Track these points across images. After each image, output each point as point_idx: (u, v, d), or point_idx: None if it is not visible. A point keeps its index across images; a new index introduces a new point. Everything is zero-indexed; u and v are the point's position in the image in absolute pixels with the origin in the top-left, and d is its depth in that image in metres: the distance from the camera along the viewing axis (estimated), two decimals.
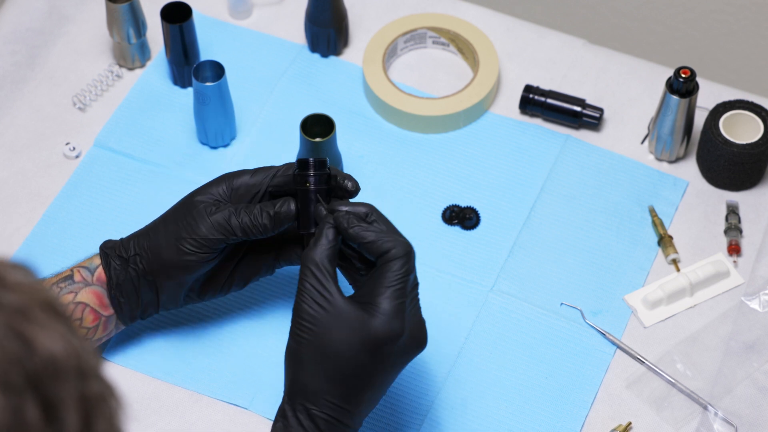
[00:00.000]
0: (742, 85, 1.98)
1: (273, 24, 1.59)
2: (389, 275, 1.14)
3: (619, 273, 1.40)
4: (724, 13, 1.98)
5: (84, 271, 1.27)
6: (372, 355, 1.14)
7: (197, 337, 1.35)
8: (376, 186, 1.46)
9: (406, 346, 1.16)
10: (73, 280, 1.26)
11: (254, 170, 1.26)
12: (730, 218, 1.43)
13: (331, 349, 1.14)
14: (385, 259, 1.15)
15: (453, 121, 1.50)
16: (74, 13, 1.59)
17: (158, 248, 1.25)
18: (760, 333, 1.35)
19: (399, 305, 1.14)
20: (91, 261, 1.28)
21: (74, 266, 1.28)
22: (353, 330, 1.13)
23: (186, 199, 1.26)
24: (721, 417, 1.30)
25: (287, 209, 1.22)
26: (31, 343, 0.73)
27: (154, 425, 1.30)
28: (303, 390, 1.15)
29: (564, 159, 1.48)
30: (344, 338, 1.13)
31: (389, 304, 1.14)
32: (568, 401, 1.31)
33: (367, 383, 1.15)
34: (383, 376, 1.16)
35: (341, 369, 1.14)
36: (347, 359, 1.13)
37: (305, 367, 1.15)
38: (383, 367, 1.15)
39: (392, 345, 1.14)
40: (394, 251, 1.15)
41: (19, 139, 1.49)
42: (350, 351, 1.13)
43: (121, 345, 1.34)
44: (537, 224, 1.43)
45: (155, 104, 1.52)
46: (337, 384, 1.14)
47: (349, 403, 1.15)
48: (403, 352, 1.16)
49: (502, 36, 1.58)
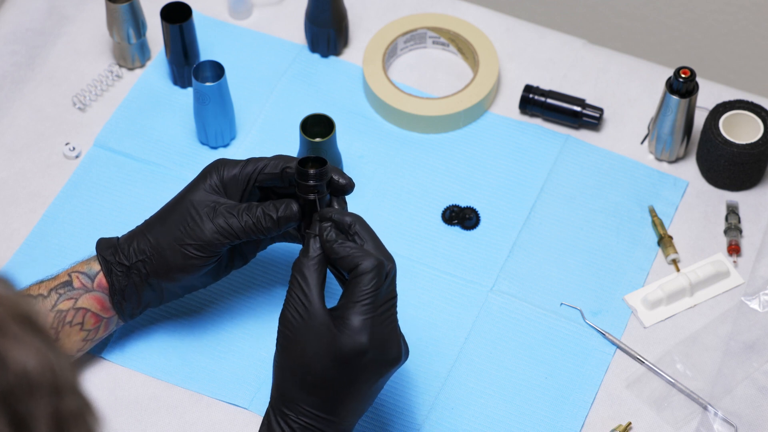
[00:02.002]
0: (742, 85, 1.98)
1: (273, 24, 1.59)
2: (356, 290, 1.14)
3: (619, 273, 1.40)
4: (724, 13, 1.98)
5: (83, 277, 1.26)
6: (341, 368, 1.14)
7: (197, 337, 1.35)
8: (376, 186, 1.46)
9: (377, 361, 1.14)
10: (72, 287, 1.26)
11: (244, 162, 1.26)
12: (729, 218, 1.43)
13: (304, 359, 1.14)
14: (354, 273, 1.14)
15: (453, 121, 1.50)
16: (74, 13, 1.59)
17: (161, 254, 1.25)
18: (760, 333, 1.35)
19: (365, 321, 1.13)
20: (90, 266, 1.27)
21: (71, 270, 1.27)
22: (322, 342, 1.14)
23: (182, 199, 1.25)
24: (721, 417, 1.30)
25: (291, 213, 1.22)
26: (3, 358, 0.72)
27: (154, 425, 1.30)
28: (282, 396, 1.16)
29: (564, 159, 1.48)
30: (315, 349, 1.14)
31: (355, 320, 1.13)
32: (568, 401, 1.31)
33: (343, 394, 1.15)
34: (359, 388, 1.15)
35: (313, 379, 1.14)
36: (318, 370, 1.14)
37: (284, 374, 1.16)
38: (357, 379, 1.14)
39: (358, 360, 1.13)
40: (362, 266, 1.14)
41: (19, 139, 1.49)
42: (319, 363, 1.14)
43: (121, 345, 1.34)
44: (537, 224, 1.43)
45: (155, 104, 1.52)
46: (312, 393, 1.14)
47: (327, 413, 1.15)
48: (375, 365, 1.15)
49: (502, 36, 1.58)
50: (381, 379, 1.16)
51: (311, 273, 1.16)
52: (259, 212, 1.22)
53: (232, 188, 1.25)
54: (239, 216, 1.23)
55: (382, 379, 1.17)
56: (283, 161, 1.25)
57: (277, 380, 1.17)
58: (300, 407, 1.15)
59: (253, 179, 1.25)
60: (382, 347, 1.15)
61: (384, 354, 1.15)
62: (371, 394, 1.17)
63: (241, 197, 1.26)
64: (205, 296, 1.37)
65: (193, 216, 1.24)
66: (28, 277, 1.38)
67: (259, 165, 1.25)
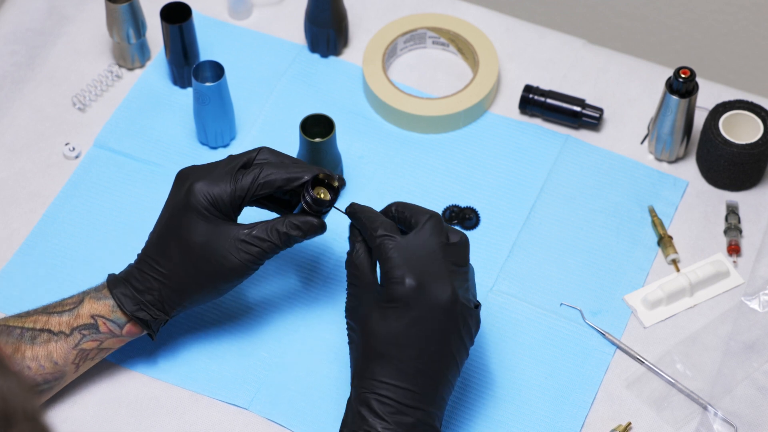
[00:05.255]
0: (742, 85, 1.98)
1: (273, 24, 1.59)
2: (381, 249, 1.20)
3: (619, 273, 1.40)
4: (724, 13, 1.98)
5: (111, 324, 1.26)
6: (397, 318, 1.17)
7: (197, 337, 1.35)
8: (376, 186, 1.46)
9: (428, 303, 1.17)
10: (97, 330, 1.26)
11: (231, 179, 1.26)
12: (729, 218, 1.43)
13: (367, 328, 1.20)
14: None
15: (453, 121, 1.50)
16: (74, 13, 1.59)
17: (194, 298, 1.27)
18: (759, 333, 1.35)
19: (400, 264, 1.19)
20: (116, 315, 1.27)
21: (94, 312, 1.26)
22: (375, 301, 1.19)
23: (190, 243, 1.25)
24: (721, 417, 1.30)
25: (313, 227, 1.26)
26: None
27: (154, 425, 1.30)
28: (363, 383, 1.19)
29: (564, 159, 1.48)
30: (373, 312, 1.19)
31: (394, 267, 1.19)
32: (568, 401, 1.31)
33: (413, 354, 1.17)
34: (425, 344, 1.18)
35: (382, 345, 1.18)
36: (380, 332, 1.18)
37: (358, 361, 1.21)
38: (418, 330, 1.17)
39: (408, 302, 1.17)
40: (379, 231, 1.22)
41: (19, 140, 1.49)
42: (379, 323, 1.19)
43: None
44: (537, 224, 1.43)
45: (155, 104, 1.52)
46: (387, 363, 1.18)
47: (406, 382, 1.17)
48: (427, 308, 1.17)
49: (502, 36, 1.58)
50: (442, 330, 1.18)
51: (360, 261, 1.22)
52: (283, 236, 1.25)
53: (224, 206, 1.26)
54: (260, 243, 1.24)
55: (444, 331, 1.18)
56: (283, 172, 1.26)
57: (356, 371, 1.20)
58: (383, 385, 1.17)
59: (248, 196, 1.26)
60: (427, 285, 1.18)
61: (432, 292, 1.18)
62: (441, 353, 1.18)
63: (237, 211, 1.27)
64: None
65: (215, 258, 1.24)
66: (28, 277, 1.38)
67: (251, 181, 1.26)
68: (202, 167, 1.27)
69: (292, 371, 1.33)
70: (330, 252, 1.41)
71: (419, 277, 1.17)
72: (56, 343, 1.25)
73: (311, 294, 1.38)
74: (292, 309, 1.37)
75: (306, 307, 1.37)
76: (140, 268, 1.27)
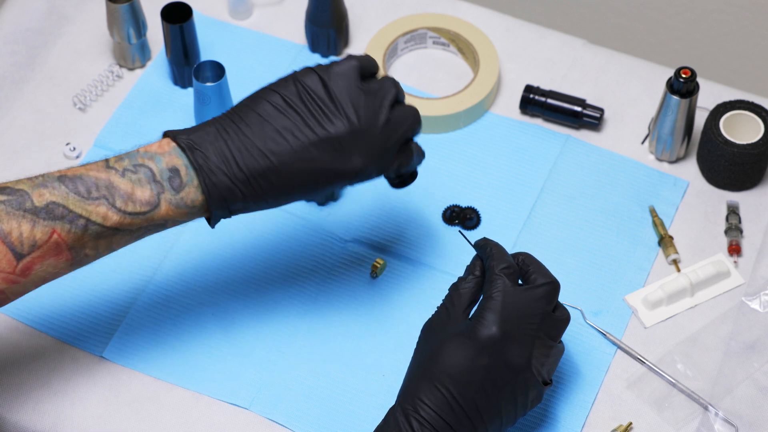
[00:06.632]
0: (742, 85, 1.98)
1: (273, 24, 1.59)
2: (489, 287, 1.22)
3: (620, 273, 1.40)
4: (724, 13, 1.98)
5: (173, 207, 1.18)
6: (463, 354, 1.18)
7: (197, 337, 1.35)
8: (376, 186, 1.46)
9: (502, 362, 1.18)
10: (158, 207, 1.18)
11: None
12: (730, 218, 1.43)
13: (434, 353, 1.20)
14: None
15: (453, 121, 1.50)
16: (74, 13, 1.59)
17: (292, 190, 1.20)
18: (760, 333, 1.35)
19: (495, 314, 1.20)
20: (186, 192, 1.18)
21: (166, 197, 1.18)
22: (454, 333, 1.21)
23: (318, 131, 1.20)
24: (722, 417, 1.30)
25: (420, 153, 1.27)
26: None
27: (154, 425, 1.30)
28: (410, 396, 1.19)
29: (564, 159, 1.48)
30: (446, 342, 1.21)
31: (488, 313, 1.20)
32: (569, 401, 1.31)
33: (472, 390, 1.18)
34: (486, 386, 1.18)
35: (443, 375, 1.19)
36: (448, 361, 1.19)
37: (413, 375, 1.21)
38: (485, 374, 1.18)
39: (481, 346, 1.18)
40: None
41: (20, 139, 1.49)
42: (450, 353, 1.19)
43: (121, 345, 1.34)
44: (537, 224, 1.43)
45: (155, 104, 1.52)
46: (441, 385, 1.18)
47: (455, 406, 1.18)
48: (499, 366, 1.18)
49: (502, 36, 1.58)
50: (500, 388, 1.18)
51: (464, 292, 1.23)
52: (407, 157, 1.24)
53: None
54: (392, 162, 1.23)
55: (502, 388, 1.19)
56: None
57: (407, 385, 1.20)
58: (427, 409, 1.17)
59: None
60: (509, 341, 1.18)
61: (509, 350, 1.19)
62: (489, 406, 1.18)
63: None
64: (205, 296, 1.37)
65: (341, 150, 1.20)
66: None
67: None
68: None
69: (292, 371, 1.33)
70: (331, 252, 1.41)
71: (506, 331, 1.19)
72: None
73: (312, 294, 1.38)
74: (293, 309, 1.37)
75: (307, 307, 1.37)
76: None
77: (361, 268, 1.39)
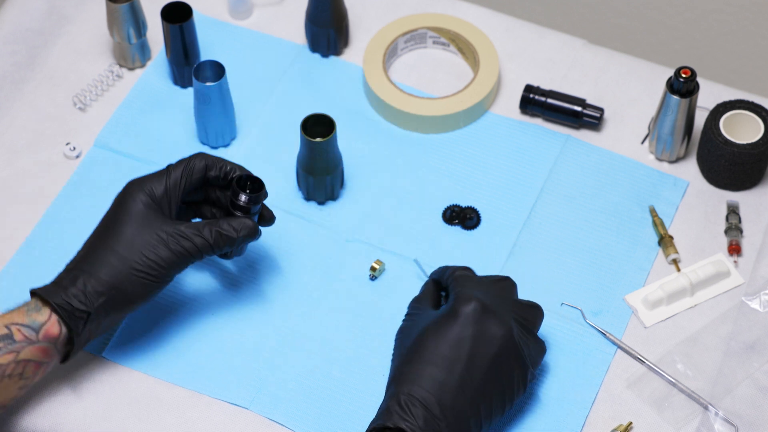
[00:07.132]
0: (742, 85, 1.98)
1: (273, 24, 1.59)
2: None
3: (620, 273, 1.40)
4: (724, 13, 1.98)
5: (25, 330, 1.22)
6: (447, 329, 1.21)
7: (197, 337, 1.35)
8: (376, 186, 1.46)
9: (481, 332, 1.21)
10: (13, 340, 1.21)
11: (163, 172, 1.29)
12: (730, 218, 1.43)
13: (413, 338, 1.24)
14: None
15: (453, 121, 1.50)
16: (74, 13, 1.59)
17: (120, 289, 1.24)
18: (760, 333, 1.35)
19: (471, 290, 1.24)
20: (31, 317, 1.23)
21: (8, 322, 1.22)
22: (430, 315, 1.25)
23: (121, 229, 1.26)
24: (722, 417, 1.30)
25: (245, 227, 1.28)
26: None
27: (154, 425, 1.30)
28: (400, 385, 1.21)
29: (564, 159, 1.48)
30: (424, 323, 1.25)
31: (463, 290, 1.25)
32: (569, 401, 1.31)
33: (457, 367, 1.20)
34: (469, 362, 1.20)
35: (429, 354, 1.21)
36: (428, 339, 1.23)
37: (397, 367, 1.24)
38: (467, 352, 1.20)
39: (464, 316, 1.22)
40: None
41: (20, 139, 1.49)
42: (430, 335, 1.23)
43: (121, 345, 1.34)
44: (537, 224, 1.43)
45: (155, 104, 1.52)
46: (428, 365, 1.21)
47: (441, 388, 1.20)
48: (479, 337, 1.21)
49: (502, 36, 1.58)
50: (497, 358, 1.21)
51: (425, 291, 1.30)
52: (215, 234, 1.26)
53: (160, 199, 1.27)
54: (193, 239, 1.25)
55: (498, 359, 1.21)
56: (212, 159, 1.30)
57: (397, 371, 1.22)
58: (421, 384, 1.19)
59: (182, 185, 1.28)
60: (489, 313, 1.22)
61: (493, 323, 1.22)
62: (491, 371, 1.21)
63: (177, 207, 1.29)
64: (205, 296, 1.37)
65: (148, 246, 1.25)
66: (29, 276, 1.38)
67: (182, 169, 1.28)
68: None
69: (292, 371, 1.33)
70: (331, 252, 1.41)
71: (484, 304, 1.22)
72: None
73: (312, 294, 1.38)
74: (293, 309, 1.37)
75: (307, 306, 1.37)
76: (66, 269, 1.27)
77: (361, 268, 1.39)
